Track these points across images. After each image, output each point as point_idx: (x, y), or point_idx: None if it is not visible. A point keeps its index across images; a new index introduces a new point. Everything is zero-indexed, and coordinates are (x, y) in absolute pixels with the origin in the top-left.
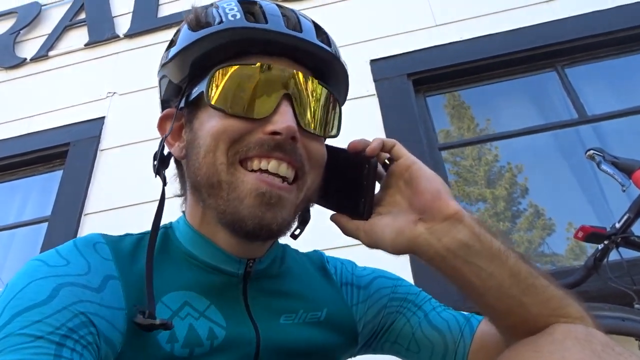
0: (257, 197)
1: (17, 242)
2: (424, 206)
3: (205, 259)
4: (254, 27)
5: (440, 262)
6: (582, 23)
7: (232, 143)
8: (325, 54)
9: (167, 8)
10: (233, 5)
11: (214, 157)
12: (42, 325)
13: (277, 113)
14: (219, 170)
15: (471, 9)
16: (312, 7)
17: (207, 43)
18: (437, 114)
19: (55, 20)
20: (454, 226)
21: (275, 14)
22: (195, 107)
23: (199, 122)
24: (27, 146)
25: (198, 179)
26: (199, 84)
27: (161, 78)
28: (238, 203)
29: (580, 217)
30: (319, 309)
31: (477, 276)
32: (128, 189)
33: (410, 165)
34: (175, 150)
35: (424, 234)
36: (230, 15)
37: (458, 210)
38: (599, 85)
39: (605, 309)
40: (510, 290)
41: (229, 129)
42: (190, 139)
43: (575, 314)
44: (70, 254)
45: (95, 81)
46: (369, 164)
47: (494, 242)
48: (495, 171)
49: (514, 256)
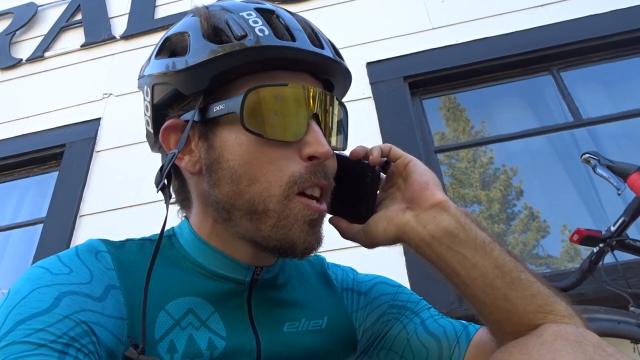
0: (305, 222)
1: (12, 243)
2: (412, 196)
3: (212, 268)
4: (287, 47)
5: (425, 248)
6: (577, 27)
7: (280, 174)
8: (342, 70)
9: (164, 10)
10: (255, 16)
11: (261, 187)
12: (45, 334)
13: (308, 133)
14: (267, 201)
15: (467, 13)
16: (309, 10)
17: (234, 60)
18: (432, 116)
19: (52, 21)
20: (439, 214)
21: (296, 27)
22: (214, 122)
23: (220, 140)
24: (23, 147)
25: (232, 202)
26: (221, 100)
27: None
28: (287, 230)
29: (575, 219)
30: (320, 317)
31: (462, 265)
32: (124, 191)
33: (407, 163)
34: (186, 165)
35: (411, 221)
36: (257, 29)
37: (443, 200)
38: (594, 89)
39: (601, 311)
40: (495, 282)
41: (271, 156)
42: (213, 157)
43: (563, 311)
44: (72, 261)
45: (91, 82)
46: (372, 173)
47: (479, 233)
48: (490, 173)
49: (499, 249)
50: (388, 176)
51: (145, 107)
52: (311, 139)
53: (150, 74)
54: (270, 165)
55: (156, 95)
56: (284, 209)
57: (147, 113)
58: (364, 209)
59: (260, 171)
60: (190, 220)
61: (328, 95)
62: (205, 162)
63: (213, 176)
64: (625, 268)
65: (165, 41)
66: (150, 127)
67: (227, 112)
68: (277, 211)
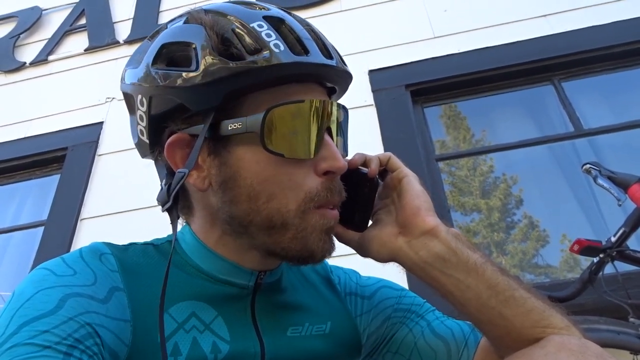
0: (322, 231)
1: (13, 245)
2: (404, 221)
3: (215, 273)
4: (303, 62)
5: (419, 272)
6: (579, 38)
7: (297, 190)
8: (347, 75)
9: (168, 15)
10: (267, 28)
11: (279, 204)
12: (50, 336)
13: (323, 148)
14: (285, 216)
15: (469, 22)
16: (311, 17)
17: (252, 78)
18: (433, 124)
19: (56, 25)
20: (430, 240)
21: (306, 37)
22: (226, 139)
23: (236, 158)
24: (25, 150)
25: (250, 219)
26: (235, 117)
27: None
28: (306, 240)
29: (574, 230)
30: (324, 322)
31: (456, 287)
32: (125, 195)
33: (402, 178)
34: (195, 182)
35: (404, 247)
36: (271, 43)
37: (434, 226)
38: (596, 100)
39: (601, 322)
40: (489, 301)
41: (289, 173)
42: (227, 174)
43: (560, 324)
44: (76, 263)
45: (94, 86)
46: (371, 183)
47: (471, 255)
48: (490, 182)
49: (491, 269)
50: (384, 185)
51: (139, 117)
52: (327, 153)
53: (145, 84)
54: (288, 182)
55: (154, 107)
56: (301, 221)
57: (142, 123)
58: (360, 217)
59: (279, 188)
60: (193, 227)
61: (335, 105)
62: (217, 179)
63: (228, 193)
64: (625, 279)
65: (161, 48)
66: (145, 138)
67: (245, 132)
68: (295, 224)
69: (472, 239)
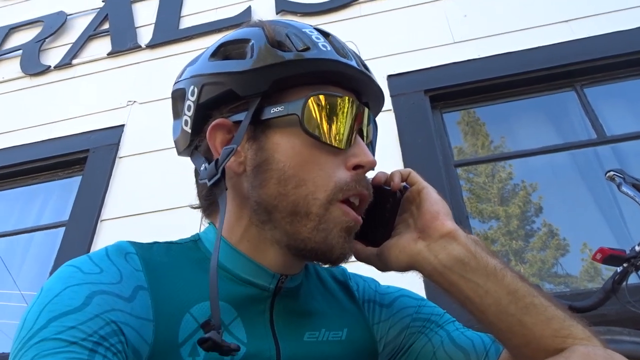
0: (342, 229)
1: (35, 245)
2: (423, 225)
3: (238, 272)
4: (348, 64)
5: (438, 276)
6: (602, 43)
7: (327, 180)
8: (381, 94)
9: (189, 20)
10: (317, 34)
11: (307, 190)
12: (76, 332)
13: (354, 146)
14: (311, 204)
15: (489, 27)
16: (330, 23)
17: (301, 68)
18: (452, 130)
19: (80, 30)
20: (449, 243)
21: (349, 49)
22: (265, 124)
23: (272, 142)
24: (48, 151)
25: (276, 204)
26: (278, 103)
27: (210, 83)
28: (327, 233)
29: (595, 238)
30: (340, 329)
31: (475, 292)
32: (144, 197)
33: (421, 190)
34: (231, 164)
35: (423, 250)
36: (320, 44)
37: (453, 229)
38: (619, 106)
39: (624, 333)
40: (509, 308)
41: (321, 162)
42: (262, 158)
43: (581, 334)
44: (102, 262)
45: (116, 90)
46: (393, 199)
47: (490, 260)
48: (509, 189)
49: (511, 275)
50: (403, 201)
51: (187, 107)
52: (357, 150)
53: (200, 73)
54: (319, 170)
55: (204, 94)
56: (325, 212)
57: (188, 113)
58: (381, 233)
59: (309, 175)
60: (219, 224)
61: (370, 114)
62: (252, 162)
63: (259, 177)
64: None
65: (220, 46)
66: (188, 128)
67: (287, 114)
68: (318, 214)
69: (490, 246)
